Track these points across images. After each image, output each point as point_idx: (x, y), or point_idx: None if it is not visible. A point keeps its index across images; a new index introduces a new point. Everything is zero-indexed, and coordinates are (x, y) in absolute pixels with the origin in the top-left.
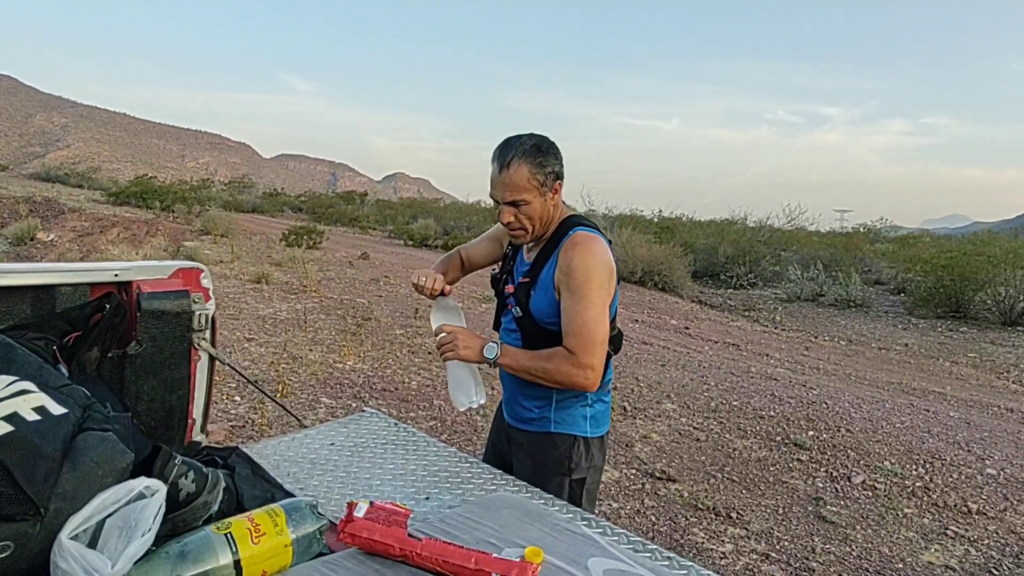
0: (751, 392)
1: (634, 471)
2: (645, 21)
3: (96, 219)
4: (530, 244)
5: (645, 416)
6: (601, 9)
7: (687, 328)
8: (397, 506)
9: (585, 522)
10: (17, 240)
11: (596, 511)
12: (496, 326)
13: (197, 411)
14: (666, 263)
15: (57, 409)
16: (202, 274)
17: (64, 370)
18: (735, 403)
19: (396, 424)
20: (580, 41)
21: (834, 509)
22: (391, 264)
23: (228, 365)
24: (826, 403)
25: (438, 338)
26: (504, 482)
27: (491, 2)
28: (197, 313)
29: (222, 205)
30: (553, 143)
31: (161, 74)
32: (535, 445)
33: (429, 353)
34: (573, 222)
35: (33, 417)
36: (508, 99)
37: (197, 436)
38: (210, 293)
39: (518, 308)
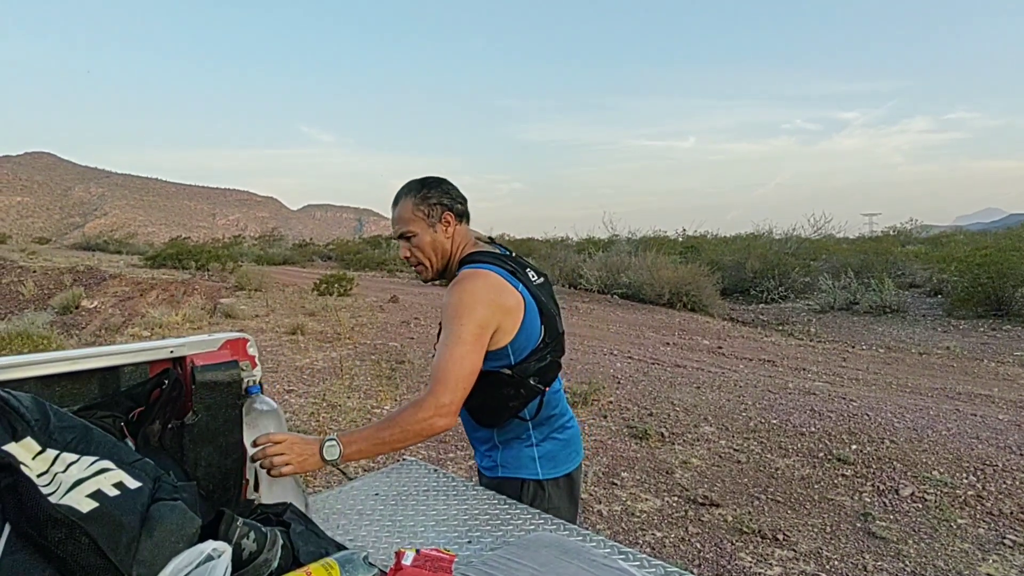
0: (790, 409)
1: (676, 498)
2: (654, 44)
3: (136, 283)
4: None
5: (683, 441)
6: (610, 36)
7: (720, 347)
8: (442, 552)
9: (622, 556)
10: (63, 310)
11: (639, 541)
12: None
13: (250, 472)
14: (693, 283)
15: (133, 483)
16: (248, 343)
17: (131, 444)
18: (774, 421)
19: (436, 471)
20: (592, 69)
21: (883, 524)
22: (420, 305)
23: None
24: (868, 415)
25: (260, 453)
26: (542, 521)
27: (501, 39)
28: (246, 380)
29: (254, 260)
30: (443, 180)
31: (189, 137)
32: (492, 490)
33: None
34: (467, 260)
35: (114, 492)
36: (524, 132)
37: (251, 495)
38: (256, 360)
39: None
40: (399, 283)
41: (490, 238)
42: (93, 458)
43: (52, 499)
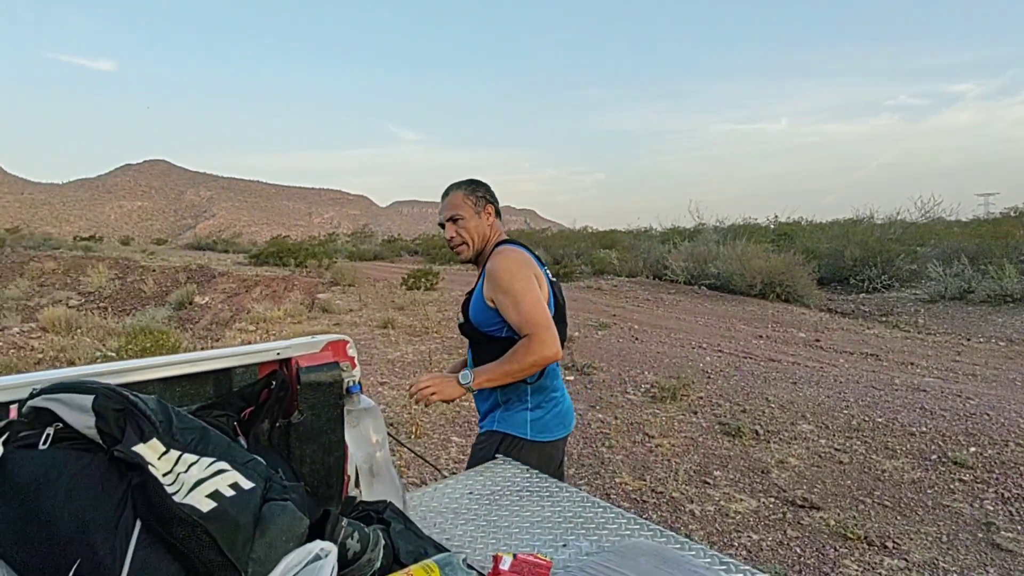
0: (897, 406)
1: (773, 499)
2: (739, 23)
3: (241, 280)
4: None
5: (779, 439)
6: (692, 18)
7: (817, 340)
8: (539, 558)
9: (724, 567)
10: (179, 305)
11: (735, 543)
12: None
13: (351, 468)
14: (787, 272)
15: (247, 484)
16: (348, 344)
17: (243, 442)
18: (879, 420)
19: (528, 471)
20: (674, 53)
21: (1010, 535)
22: None
23: None
24: (987, 414)
25: (413, 388)
26: (638, 527)
27: (581, 28)
28: (346, 380)
29: (347, 256)
30: (485, 183)
31: (287, 140)
32: (482, 441)
33: None
34: (500, 243)
35: (230, 493)
36: (606, 121)
37: (352, 491)
38: (355, 360)
39: (461, 316)
40: None
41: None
42: (211, 459)
43: (176, 498)
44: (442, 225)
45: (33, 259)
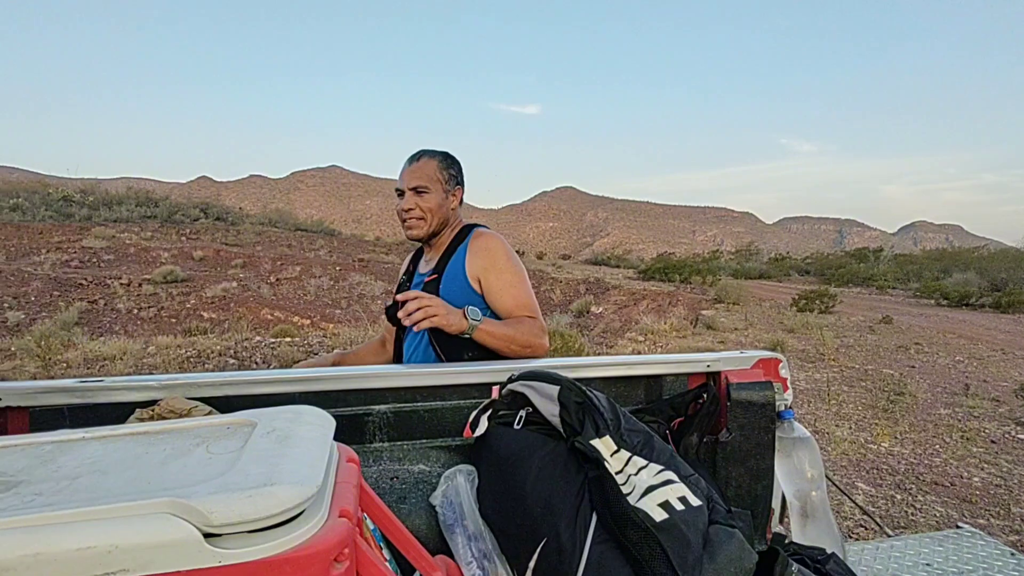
0: None
1: None
2: None
3: (631, 293)
4: (427, 259)
5: None
6: None
7: None
8: None
9: None
10: (578, 313)
11: None
12: (396, 356)
13: (776, 502)
14: None
15: (695, 501)
16: (780, 364)
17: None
18: None
19: (1012, 553)
20: None
21: None
22: (921, 328)
23: None
24: None
25: (409, 299)
26: None
27: None
28: (778, 403)
29: (731, 273)
30: (460, 162)
31: (673, 162)
32: None
33: (993, 442)
34: (473, 225)
35: (679, 507)
36: None
37: (776, 527)
38: (788, 383)
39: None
40: (892, 301)
41: None
42: (659, 467)
43: (629, 500)
44: (400, 193)
45: None
